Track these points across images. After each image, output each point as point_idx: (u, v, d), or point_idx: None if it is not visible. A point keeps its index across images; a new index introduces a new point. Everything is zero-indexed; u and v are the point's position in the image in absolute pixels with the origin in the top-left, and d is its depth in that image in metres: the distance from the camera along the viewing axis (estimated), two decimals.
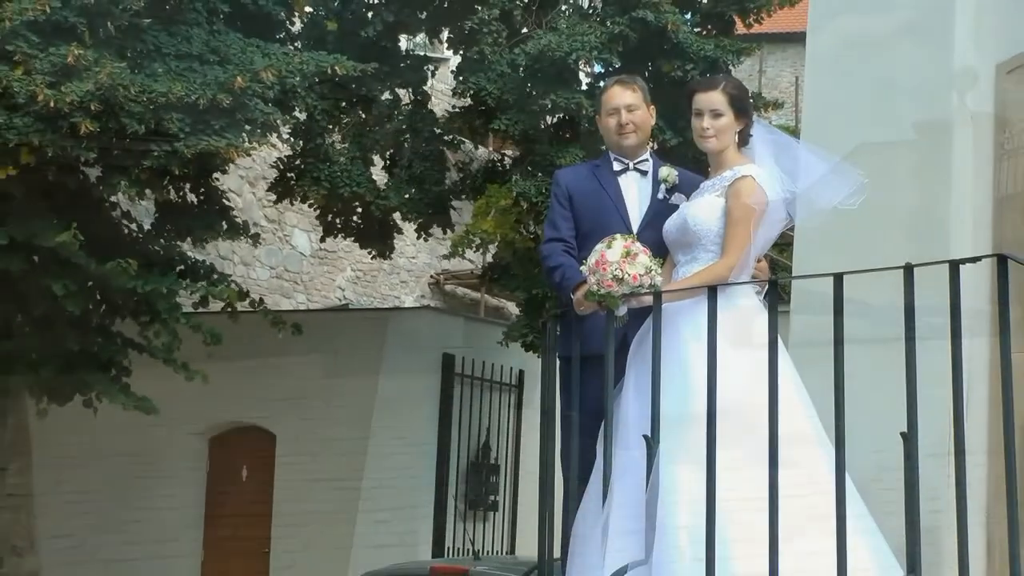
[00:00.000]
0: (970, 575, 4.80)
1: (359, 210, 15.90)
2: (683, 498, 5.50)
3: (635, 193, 6.39)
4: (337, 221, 16.14)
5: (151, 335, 13.56)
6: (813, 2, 8.32)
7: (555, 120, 14.37)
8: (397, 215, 15.89)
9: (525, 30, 14.34)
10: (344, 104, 15.34)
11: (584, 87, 14.35)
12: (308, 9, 16.03)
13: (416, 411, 16.06)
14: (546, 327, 6.71)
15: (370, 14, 15.40)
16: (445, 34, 16.04)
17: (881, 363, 5.01)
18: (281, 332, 14.37)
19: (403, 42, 16.37)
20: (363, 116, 15.81)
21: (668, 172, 6.42)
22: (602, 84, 10.81)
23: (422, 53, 16.68)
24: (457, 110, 15.69)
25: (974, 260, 4.89)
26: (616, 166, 6.45)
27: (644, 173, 6.44)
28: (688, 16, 14.71)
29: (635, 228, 6.23)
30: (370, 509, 15.82)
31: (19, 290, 12.94)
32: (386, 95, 15.82)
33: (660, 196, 6.36)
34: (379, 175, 16.05)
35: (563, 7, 14.82)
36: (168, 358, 13.42)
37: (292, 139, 15.62)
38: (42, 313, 13.07)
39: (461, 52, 15.16)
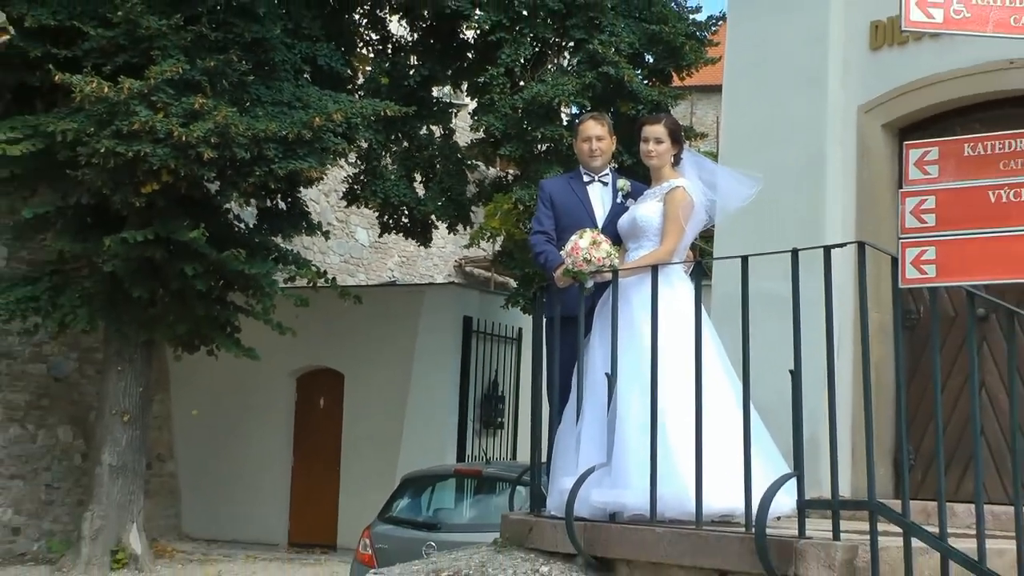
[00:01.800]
0: (838, 471, 4.85)
1: (406, 213, 15.91)
2: (633, 417, 5.54)
3: (599, 198, 6.39)
4: (391, 222, 16.14)
5: (254, 303, 13.60)
6: (727, 62, 8.32)
7: (544, 147, 14.35)
8: (433, 217, 15.90)
9: (522, 82, 14.30)
10: (393, 137, 15.31)
11: (565, 123, 14.33)
12: (367, 68, 16.07)
13: (444, 358, 16.05)
14: (536, 296, 6.74)
15: (411, 71, 15.40)
16: (464, 86, 16.02)
17: (777, 323, 5.03)
18: (347, 301, 14.42)
19: (435, 92, 16.34)
20: (407, 145, 15.78)
21: (623, 183, 6.42)
22: (578, 120, 10.81)
23: (448, 100, 16.65)
24: (474, 141, 15.67)
25: (841, 246, 4.91)
26: (585, 178, 6.45)
27: (606, 184, 6.44)
28: (639, 71, 14.68)
29: (599, 224, 6.25)
30: (411, 428, 15.82)
31: (161, 272, 12.98)
32: (423, 130, 15.81)
33: (618, 200, 6.35)
34: (419, 188, 16.03)
35: (549, 65, 14.78)
36: (266, 319, 13.46)
37: (357, 162, 15.63)
38: (177, 288, 13.09)
39: (476, 99, 15.14)
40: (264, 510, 16.62)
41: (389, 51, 16.16)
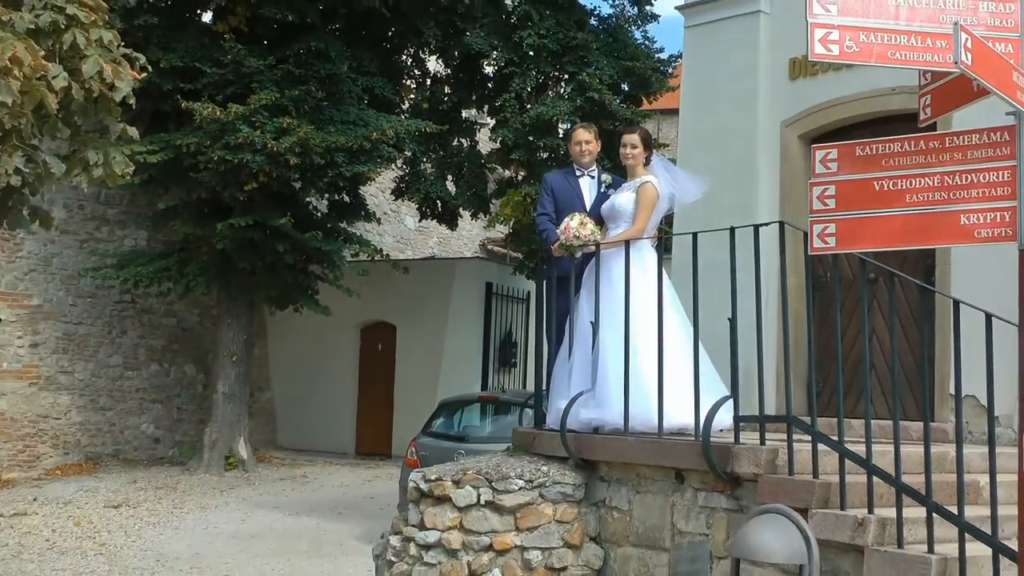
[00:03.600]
0: (765, 395, 4.88)
1: (440, 205, 15.90)
2: (611, 354, 5.57)
3: (587, 188, 6.37)
4: (429, 211, 16.13)
5: (328, 272, 13.66)
6: (683, 90, 8.30)
7: (545, 154, 14.32)
8: (461, 207, 15.88)
9: (528, 105, 14.26)
10: (431, 147, 15.29)
11: (561, 136, 14.29)
12: (411, 96, 16.03)
13: (471, 314, 16.08)
14: (539, 265, 6.76)
15: (445, 98, 15.36)
16: (486, 108, 15.97)
17: (720, 283, 5.04)
18: (398, 271, 14.46)
19: (463, 113, 16.30)
20: (442, 154, 15.75)
21: (606, 177, 6.41)
22: (571, 129, 10.76)
23: (473, 119, 16.62)
24: (492, 150, 15.65)
25: (766, 224, 4.92)
26: (577, 173, 6.43)
27: (593, 177, 6.42)
28: (617, 96, 14.58)
29: (587, 208, 6.24)
30: (447, 365, 15.85)
31: (259, 249, 13.04)
32: (454, 142, 15.78)
33: (602, 190, 6.34)
34: (451, 186, 16.01)
35: (549, 92, 14.73)
36: (338, 284, 13.53)
37: (404, 166, 15.62)
38: (271, 261, 13.16)
39: (494, 118, 15.10)
40: (337, 427, 16.70)
41: (428, 82, 16.13)
